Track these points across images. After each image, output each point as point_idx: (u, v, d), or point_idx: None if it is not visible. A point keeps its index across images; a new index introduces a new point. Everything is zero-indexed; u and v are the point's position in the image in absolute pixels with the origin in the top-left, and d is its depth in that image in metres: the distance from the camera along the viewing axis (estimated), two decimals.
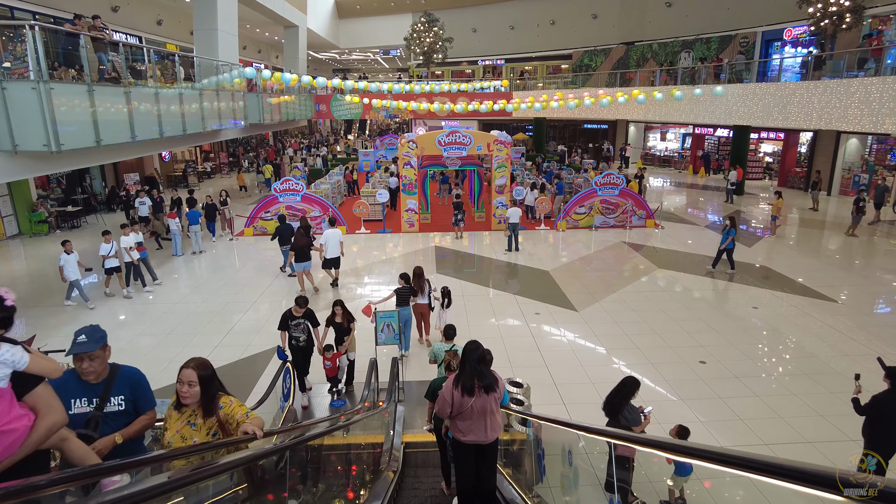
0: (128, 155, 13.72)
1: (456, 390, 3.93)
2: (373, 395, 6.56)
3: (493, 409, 4.00)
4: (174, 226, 14.09)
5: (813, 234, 16.12)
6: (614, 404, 5.15)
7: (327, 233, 11.42)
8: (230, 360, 8.52)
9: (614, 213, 16.53)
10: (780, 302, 10.64)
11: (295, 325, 7.13)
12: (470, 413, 3.93)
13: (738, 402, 7.14)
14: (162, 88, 13.64)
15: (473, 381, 3.91)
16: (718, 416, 6.86)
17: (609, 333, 9.26)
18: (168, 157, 26.45)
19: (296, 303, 7.16)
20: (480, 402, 3.92)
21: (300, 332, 7.16)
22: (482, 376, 3.94)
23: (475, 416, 3.94)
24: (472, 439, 3.98)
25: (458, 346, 5.72)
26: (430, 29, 34.10)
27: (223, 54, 19.59)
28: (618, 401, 5.11)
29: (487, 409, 3.96)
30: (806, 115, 17.52)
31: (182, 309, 10.68)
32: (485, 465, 4.13)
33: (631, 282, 11.92)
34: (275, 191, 16.06)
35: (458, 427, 4.02)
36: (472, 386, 3.91)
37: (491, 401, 3.97)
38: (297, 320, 7.12)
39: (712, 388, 7.49)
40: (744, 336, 9.15)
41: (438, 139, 15.73)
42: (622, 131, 33.53)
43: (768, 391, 7.40)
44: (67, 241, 10.30)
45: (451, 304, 8.75)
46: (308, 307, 7.25)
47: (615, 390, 5.24)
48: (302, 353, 7.28)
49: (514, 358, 8.45)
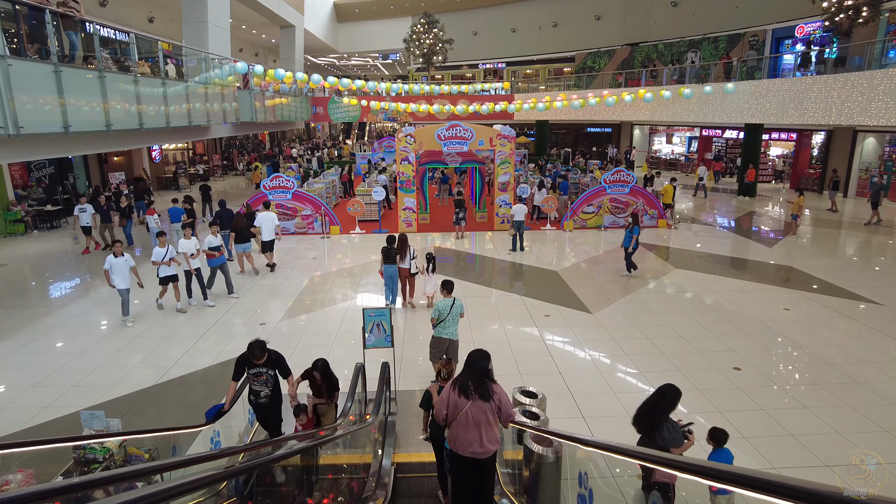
0: (104, 146, 12.82)
1: (453, 391, 3.85)
2: (359, 407, 5.56)
3: (489, 420, 3.84)
4: (152, 223, 13.12)
5: (836, 234, 15.16)
6: (650, 419, 4.18)
7: (261, 215, 11.87)
8: (203, 366, 7.53)
9: (624, 212, 15.58)
10: (812, 303, 9.65)
11: (255, 375, 5.17)
12: (466, 421, 3.80)
13: (784, 414, 6.13)
14: (143, 76, 12.75)
15: (469, 382, 3.81)
16: (764, 430, 5.85)
17: (629, 337, 8.27)
18: (158, 157, 25.56)
19: (250, 353, 5.05)
20: (476, 408, 3.79)
21: (261, 385, 5.18)
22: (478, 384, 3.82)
23: (470, 425, 3.81)
24: (468, 452, 3.85)
25: (459, 302, 6.63)
26: (429, 30, 33.40)
27: (214, 49, 18.77)
28: (654, 414, 4.14)
29: (483, 420, 3.81)
30: (824, 109, 16.62)
31: (158, 313, 9.70)
32: (481, 479, 3.99)
33: (648, 282, 10.93)
34: (264, 188, 15.11)
35: (455, 438, 3.88)
36: (468, 386, 3.79)
37: (487, 410, 3.81)
38: (257, 369, 5.16)
39: (753, 399, 6.49)
40: (780, 340, 8.16)
41: (438, 133, 14.83)
42: (626, 134, 32.71)
43: (818, 402, 6.39)
44: (118, 242, 9.03)
45: (435, 270, 9.31)
46: (270, 350, 5.20)
47: (650, 402, 4.28)
48: (264, 411, 5.32)
49: (524, 364, 7.44)
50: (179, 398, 6.79)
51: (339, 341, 8.30)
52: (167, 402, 6.72)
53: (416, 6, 36.13)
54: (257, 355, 5.04)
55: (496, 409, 3.83)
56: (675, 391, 4.21)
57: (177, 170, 26.25)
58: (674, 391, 4.21)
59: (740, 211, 18.62)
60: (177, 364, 7.57)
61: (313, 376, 5.43)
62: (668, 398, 4.14)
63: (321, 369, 5.38)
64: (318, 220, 15.27)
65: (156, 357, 7.84)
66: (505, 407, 3.89)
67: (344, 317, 9.27)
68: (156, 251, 9.22)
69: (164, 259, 9.21)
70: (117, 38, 12.78)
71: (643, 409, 4.27)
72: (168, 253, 9.27)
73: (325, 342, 8.28)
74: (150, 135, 14.91)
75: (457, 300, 6.65)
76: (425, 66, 36.26)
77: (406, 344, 8.13)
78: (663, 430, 4.08)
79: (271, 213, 12.15)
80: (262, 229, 11.77)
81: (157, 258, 9.18)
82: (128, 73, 12.26)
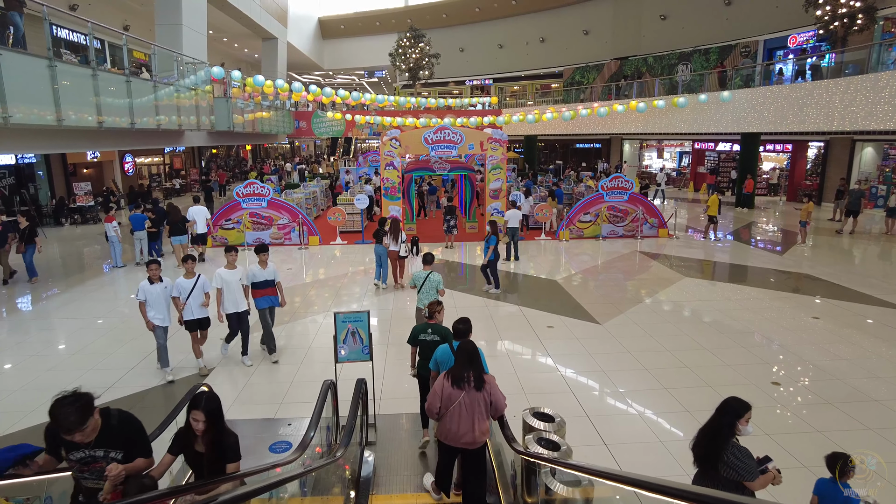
0: (54, 146, 11.63)
1: (446, 382, 3.76)
2: (327, 435, 4.41)
3: (482, 411, 3.77)
4: (111, 231, 11.88)
5: (847, 242, 14.35)
6: (709, 444, 3.12)
7: (193, 209, 12.37)
8: (144, 388, 6.30)
9: (623, 221, 14.67)
10: (842, 312, 8.70)
11: (80, 461, 2.82)
12: (459, 412, 3.72)
13: (846, 437, 5.07)
14: (103, 70, 11.68)
15: (463, 373, 3.74)
16: None
17: (646, 349, 7.20)
18: (132, 170, 24.31)
19: (56, 422, 2.63)
20: (469, 398, 3.72)
21: (95, 480, 2.85)
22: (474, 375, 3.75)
23: (464, 416, 3.72)
24: (461, 443, 3.78)
25: (435, 275, 6.81)
26: (415, 44, 32.84)
27: (189, 53, 17.78)
28: (716, 437, 3.08)
29: (476, 410, 3.74)
30: (826, 115, 16.02)
31: (97, 326, 8.43)
32: (472, 473, 3.94)
33: (658, 291, 9.92)
34: (237, 195, 13.96)
35: (447, 430, 3.80)
36: (462, 377, 3.73)
37: (480, 400, 3.75)
38: (82, 452, 2.79)
39: (803, 419, 5.43)
40: (818, 351, 7.14)
41: (425, 136, 13.88)
42: (616, 150, 32.20)
43: (885, 423, 5.35)
44: (154, 263, 6.44)
45: (419, 252, 10.27)
46: (112, 412, 2.88)
47: (711, 422, 3.22)
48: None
49: (529, 381, 6.33)
50: None
51: (312, 358, 7.12)
52: None
53: (402, 23, 35.68)
54: (70, 425, 2.58)
55: (487, 400, 3.77)
56: (741, 406, 3.15)
57: (150, 183, 24.97)
58: (737, 407, 3.15)
59: (740, 222, 17.85)
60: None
61: (187, 431, 3.03)
62: (732, 414, 3.07)
63: (205, 409, 2.95)
64: (295, 230, 14.12)
65: None
66: (496, 398, 3.81)
67: (318, 330, 8.10)
68: (180, 283, 6.50)
69: (188, 296, 6.47)
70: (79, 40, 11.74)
71: (703, 433, 3.19)
72: (199, 285, 6.55)
73: (294, 359, 7.10)
74: (112, 137, 13.76)
75: (433, 273, 6.85)
76: (411, 82, 35.65)
77: (391, 346, 6.98)
78: (729, 457, 3.00)
79: (203, 208, 12.71)
80: (196, 223, 12.26)
81: (180, 292, 6.48)
82: (82, 68, 11.19)
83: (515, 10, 34.45)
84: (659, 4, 27.65)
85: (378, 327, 8.24)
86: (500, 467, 4.39)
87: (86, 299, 9.76)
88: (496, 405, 3.80)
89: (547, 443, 3.83)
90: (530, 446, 3.75)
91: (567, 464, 3.10)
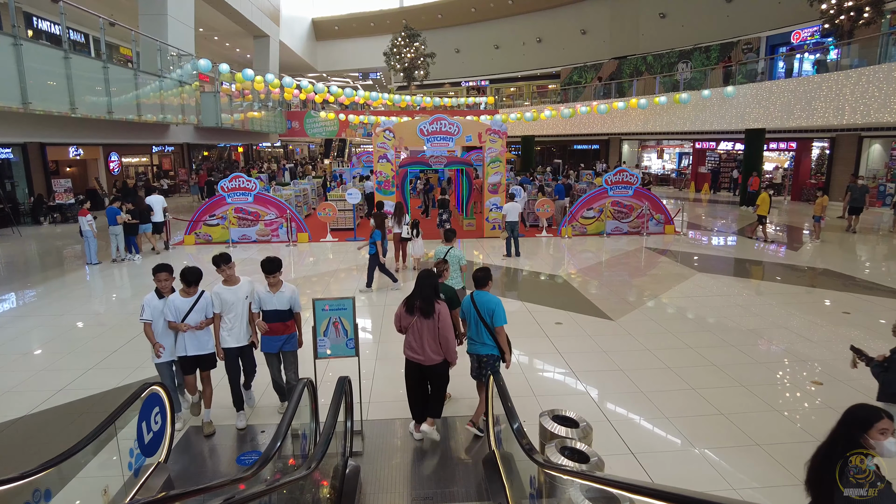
0: (18, 133, 10.88)
1: (402, 307, 4.29)
2: (303, 445, 3.65)
3: (430, 336, 4.16)
4: (85, 225, 11.08)
5: (863, 238, 13.71)
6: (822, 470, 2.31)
7: (150, 198, 12.43)
8: (105, 388, 5.53)
9: (628, 217, 13.99)
10: (872, 306, 8.02)
11: None
12: (411, 332, 4.27)
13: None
14: (77, 52, 10.97)
15: (413, 301, 4.21)
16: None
17: (667, 346, 6.48)
18: (118, 168, 23.48)
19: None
20: (420, 323, 4.18)
21: None
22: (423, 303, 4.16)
23: (415, 335, 4.24)
24: (412, 358, 4.26)
25: (456, 250, 6.53)
26: (410, 44, 32.27)
27: (175, 45, 17.09)
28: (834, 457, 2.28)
29: (424, 333, 4.17)
30: (836, 109, 15.46)
31: (58, 324, 7.64)
32: (427, 385, 4.38)
33: (672, 286, 9.22)
34: (221, 189, 13.20)
35: (406, 345, 4.34)
36: (413, 305, 4.21)
37: (429, 325, 4.15)
38: None
39: None
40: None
41: (420, 128, 13.18)
42: (615, 150, 31.63)
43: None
44: (164, 270, 4.65)
45: (420, 234, 10.09)
46: None
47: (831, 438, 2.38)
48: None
49: (538, 382, 5.60)
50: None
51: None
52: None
53: (397, 24, 35.12)
54: None
55: (436, 327, 4.14)
56: (870, 413, 2.33)
57: (137, 182, 24.12)
58: (868, 415, 2.32)
59: (747, 220, 17.20)
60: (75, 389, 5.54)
61: None
62: (857, 425, 2.27)
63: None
64: (283, 226, 13.36)
65: None
66: (444, 333, 4.14)
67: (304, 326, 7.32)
68: (173, 301, 4.54)
69: (184, 318, 4.52)
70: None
71: (818, 451, 2.36)
72: (200, 306, 4.57)
73: None
74: (88, 127, 13.04)
75: (454, 249, 6.53)
76: (406, 84, 35.06)
77: (383, 343, 6.23)
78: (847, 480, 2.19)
79: (159, 197, 12.67)
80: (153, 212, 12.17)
81: (173, 315, 4.51)
82: (56, 48, 10.48)
83: (511, 11, 33.98)
84: (657, 2, 27.19)
85: (371, 319, 7.50)
86: (513, 479, 3.64)
87: (51, 298, 8.95)
88: (444, 344, 4.16)
89: (572, 452, 3.10)
90: (552, 457, 3.01)
91: (609, 480, 2.36)
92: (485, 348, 4.39)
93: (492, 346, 4.38)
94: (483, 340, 4.38)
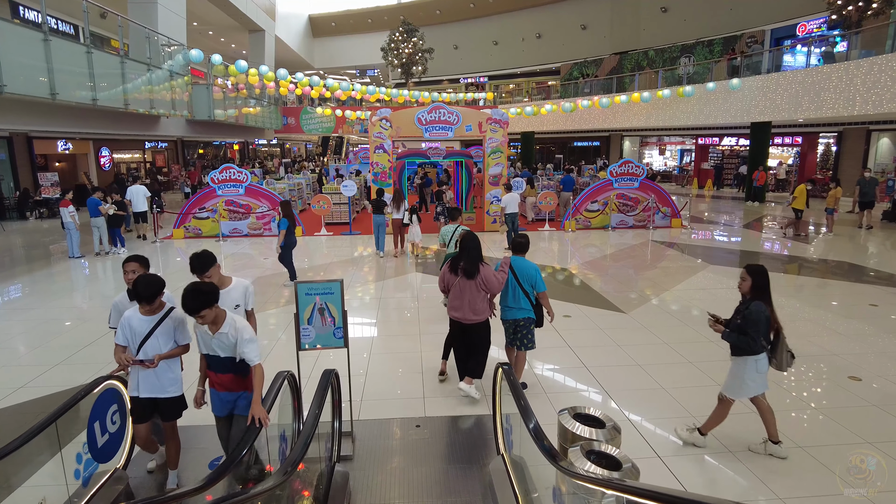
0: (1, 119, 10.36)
1: (447, 267, 4.63)
2: (282, 448, 3.15)
3: (472, 294, 4.43)
4: (67, 217, 10.55)
5: (877, 232, 13.24)
6: None
7: (130, 189, 12.45)
8: (69, 386, 5.01)
9: (634, 210, 13.51)
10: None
11: None
12: (455, 293, 4.51)
13: None
14: (56, 37, 10.45)
15: (457, 264, 4.47)
16: None
17: (684, 340, 5.98)
18: (108, 164, 22.95)
19: None
20: (463, 283, 4.44)
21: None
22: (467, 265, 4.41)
23: (457, 295, 4.50)
24: (454, 316, 4.56)
25: (463, 229, 6.18)
26: (408, 39, 31.77)
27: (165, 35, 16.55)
28: None
29: (468, 293, 4.43)
30: (846, 100, 15.01)
31: (27, 318, 7.12)
32: (470, 343, 4.59)
33: (684, 278, 8.72)
34: (212, 181, 12.68)
35: (450, 305, 4.62)
36: (456, 267, 4.47)
37: (472, 286, 4.42)
38: None
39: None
40: (890, 340, 5.97)
41: (418, 116, 12.68)
42: (616, 147, 31.15)
43: None
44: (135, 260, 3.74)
45: (420, 220, 10.36)
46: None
47: None
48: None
49: (549, 379, 5.10)
50: None
51: (279, 348, 5.85)
52: None
53: (395, 20, 34.65)
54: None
55: (480, 284, 4.41)
56: None
57: (127, 177, 23.56)
58: None
59: (754, 215, 16.74)
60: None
61: None
62: None
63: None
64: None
65: None
66: (488, 281, 4.40)
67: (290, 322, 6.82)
68: (129, 319, 3.21)
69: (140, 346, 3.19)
70: None
71: None
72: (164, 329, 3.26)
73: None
74: (72, 115, 12.50)
75: (460, 227, 6.58)
76: (404, 80, 34.57)
77: (381, 336, 5.72)
78: None
79: (141, 187, 12.69)
80: (133, 202, 12.24)
81: (125, 338, 3.21)
82: (35, 29, 9.97)
83: (511, 6, 33.53)
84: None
85: (366, 307, 6.99)
86: (526, 488, 3.14)
87: (24, 292, 8.43)
88: (489, 287, 4.43)
89: (599, 457, 2.59)
90: (577, 461, 2.51)
91: (666, 496, 1.85)
92: (521, 312, 4.58)
93: (528, 310, 4.58)
94: (520, 305, 4.57)
